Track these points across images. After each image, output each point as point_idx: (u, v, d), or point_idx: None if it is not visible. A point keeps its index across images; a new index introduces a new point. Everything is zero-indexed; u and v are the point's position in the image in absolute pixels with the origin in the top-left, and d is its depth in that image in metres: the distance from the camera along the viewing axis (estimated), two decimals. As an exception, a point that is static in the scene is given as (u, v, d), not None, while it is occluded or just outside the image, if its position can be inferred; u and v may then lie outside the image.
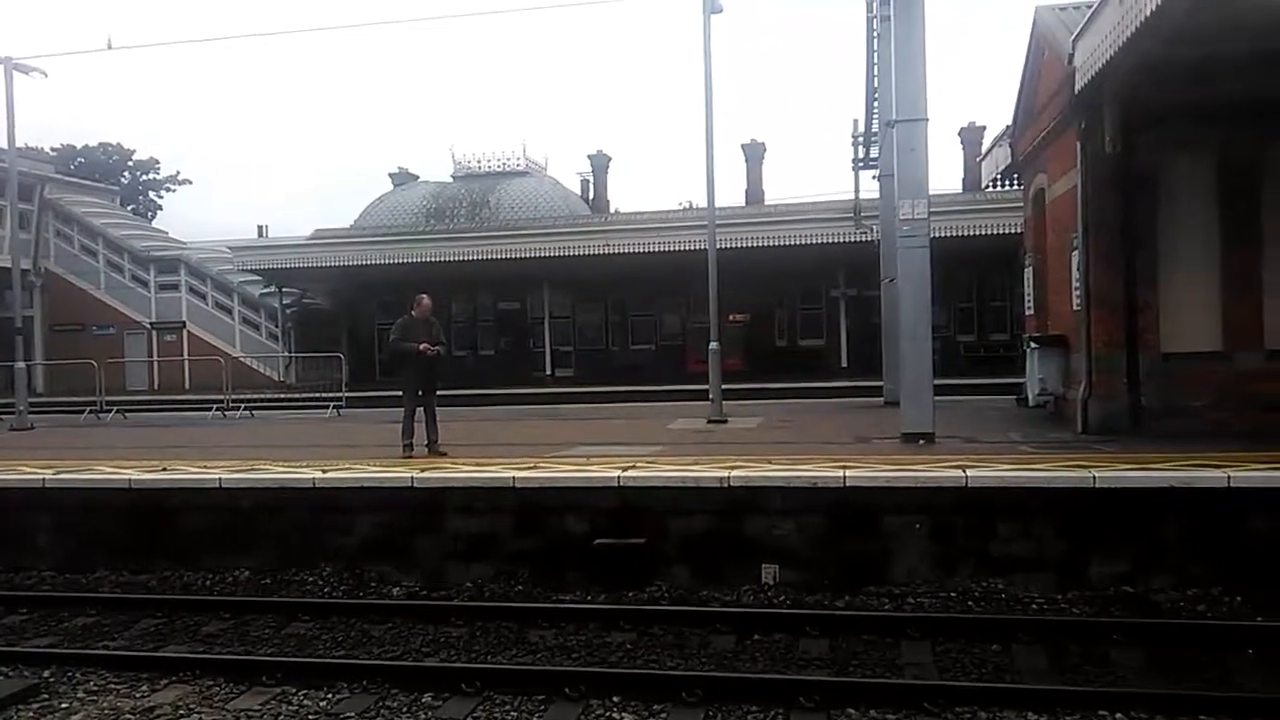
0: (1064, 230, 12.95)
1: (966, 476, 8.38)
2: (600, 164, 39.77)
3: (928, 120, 11.66)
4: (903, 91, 11.96)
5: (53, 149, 47.92)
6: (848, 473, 8.66)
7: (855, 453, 10.26)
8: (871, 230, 22.33)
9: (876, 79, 19.07)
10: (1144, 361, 11.46)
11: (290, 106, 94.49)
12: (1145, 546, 7.99)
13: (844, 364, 30.62)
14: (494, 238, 30.52)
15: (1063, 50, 11.56)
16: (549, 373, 32.66)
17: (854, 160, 23.64)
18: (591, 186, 40.08)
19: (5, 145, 20.08)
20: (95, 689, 6.53)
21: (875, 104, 19.96)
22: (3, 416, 19.33)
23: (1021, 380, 14.99)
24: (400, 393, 12.13)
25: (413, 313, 11.77)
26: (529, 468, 9.77)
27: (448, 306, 30.55)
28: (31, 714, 6.07)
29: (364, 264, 30.25)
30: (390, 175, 41.80)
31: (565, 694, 6.15)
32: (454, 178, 39.20)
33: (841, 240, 27.17)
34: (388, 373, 12.41)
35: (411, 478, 9.56)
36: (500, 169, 38.47)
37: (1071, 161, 12.10)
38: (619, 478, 9.06)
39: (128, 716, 5.98)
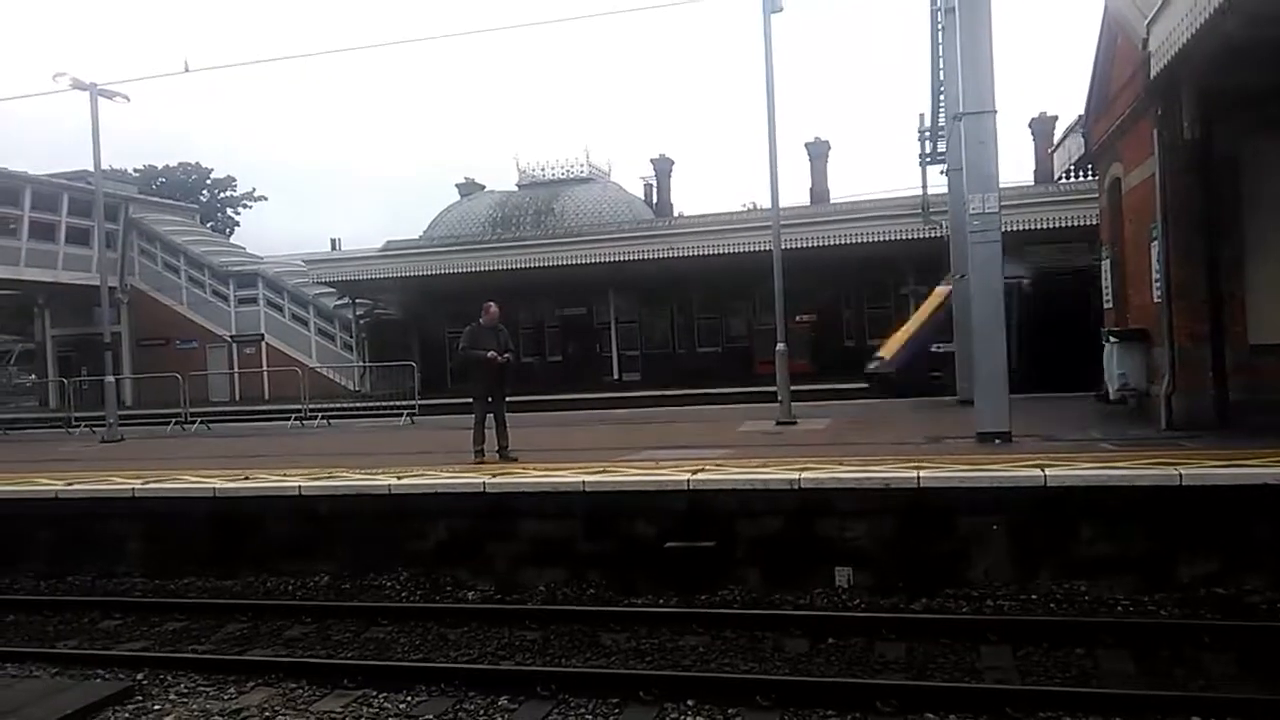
0: (1142, 221, 12.56)
1: (1045, 475, 8.17)
2: (663, 168, 39.83)
3: (996, 112, 11.42)
4: (969, 84, 11.73)
5: (135, 170, 49.85)
6: (922, 473, 8.52)
7: (929, 453, 10.09)
8: (940, 226, 21.96)
9: (942, 72, 18.75)
10: (1230, 354, 11.04)
11: (359, 121, 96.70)
12: (1236, 546, 7.69)
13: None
14: (559, 244, 30.79)
15: (1136, 35, 11.21)
16: (616, 377, 32.78)
17: (921, 155, 23.29)
18: (655, 191, 40.16)
19: (92, 169, 20.92)
20: (185, 691, 6.75)
21: (941, 97, 19.63)
22: (94, 429, 20.14)
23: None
24: (470, 400, 12.29)
25: (480, 321, 11.92)
26: (598, 472, 9.82)
27: (515, 314, 30.89)
28: (127, 715, 6.28)
29: (433, 274, 30.78)
30: (457, 186, 42.47)
31: (640, 697, 6.16)
32: (519, 186, 39.64)
33: (909, 237, 26.78)
34: (458, 380, 12.62)
35: (483, 483, 9.69)
36: (564, 176, 38.80)
37: (1148, 149, 11.72)
38: (688, 481, 9.06)
39: (216, 717, 6.16)
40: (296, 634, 8.17)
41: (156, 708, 6.41)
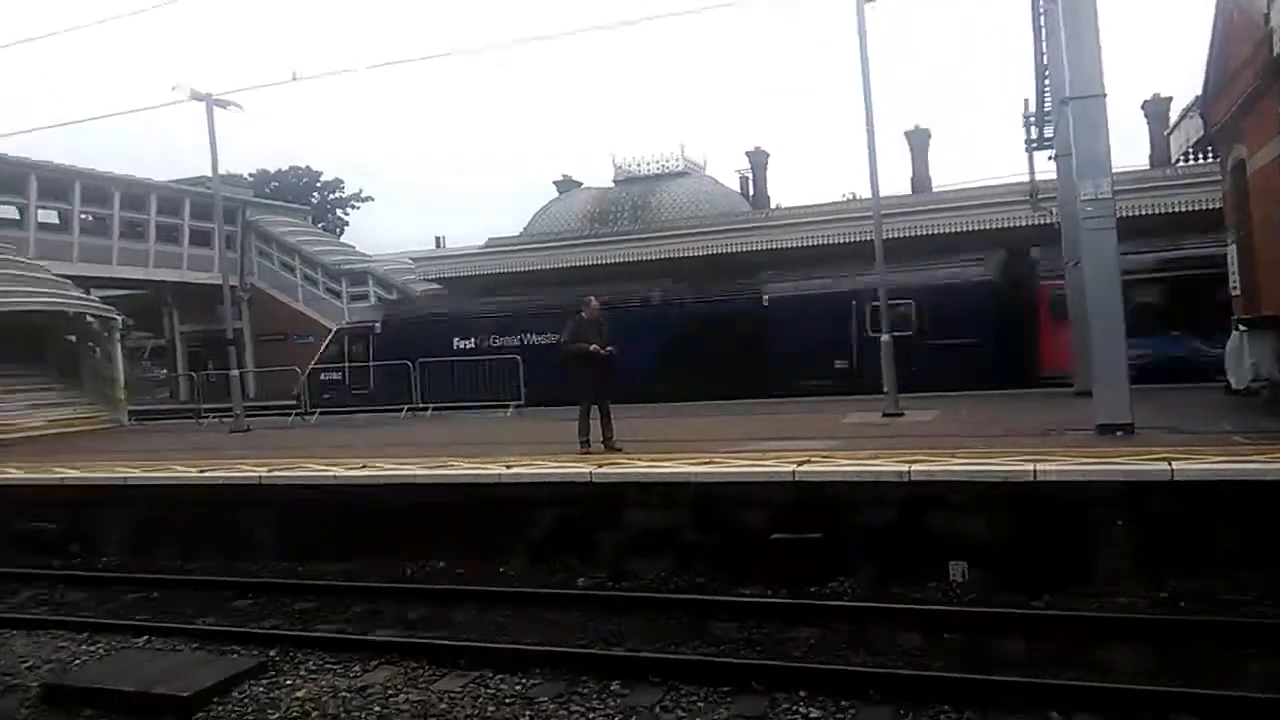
0: (1270, 202, 11.93)
1: (1172, 469, 7.86)
2: (759, 160, 39.52)
3: (1105, 96, 10.96)
4: (1075, 67, 11.28)
5: (250, 175, 51.94)
6: (1039, 466, 8.29)
7: (1045, 445, 9.79)
8: (1050, 213, 21.18)
9: (1046, 55, 18.07)
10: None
11: (460, 123, 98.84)
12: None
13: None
14: (656, 238, 30.87)
15: (1256, 10, 10.64)
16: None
17: (1026, 141, 22.46)
18: (751, 183, 39.87)
19: (210, 175, 21.95)
20: (314, 668, 7.07)
21: (1046, 81, 18.92)
22: (222, 419, 21.16)
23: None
24: (575, 393, 12.45)
25: (583, 314, 12.09)
26: (704, 462, 9.86)
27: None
28: (262, 688, 6.62)
29: (533, 269, 31.26)
30: (555, 183, 42.95)
31: (751, 687, 6.18)
32: (615, 182, 39.88)
33: (1016, 225, 25.93)
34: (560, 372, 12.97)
35: (590, 473, 9.84)
36: (660, 171, 38.85)
37: (1273, 129, 11.12)
38: (794, 472, 9.03)
39: (344, 694, 6.43)
40: (416, 616, 8.47)
41: (288, 683, 6.73)
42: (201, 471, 11.95)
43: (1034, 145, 22.26)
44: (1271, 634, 6.56)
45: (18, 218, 28.55)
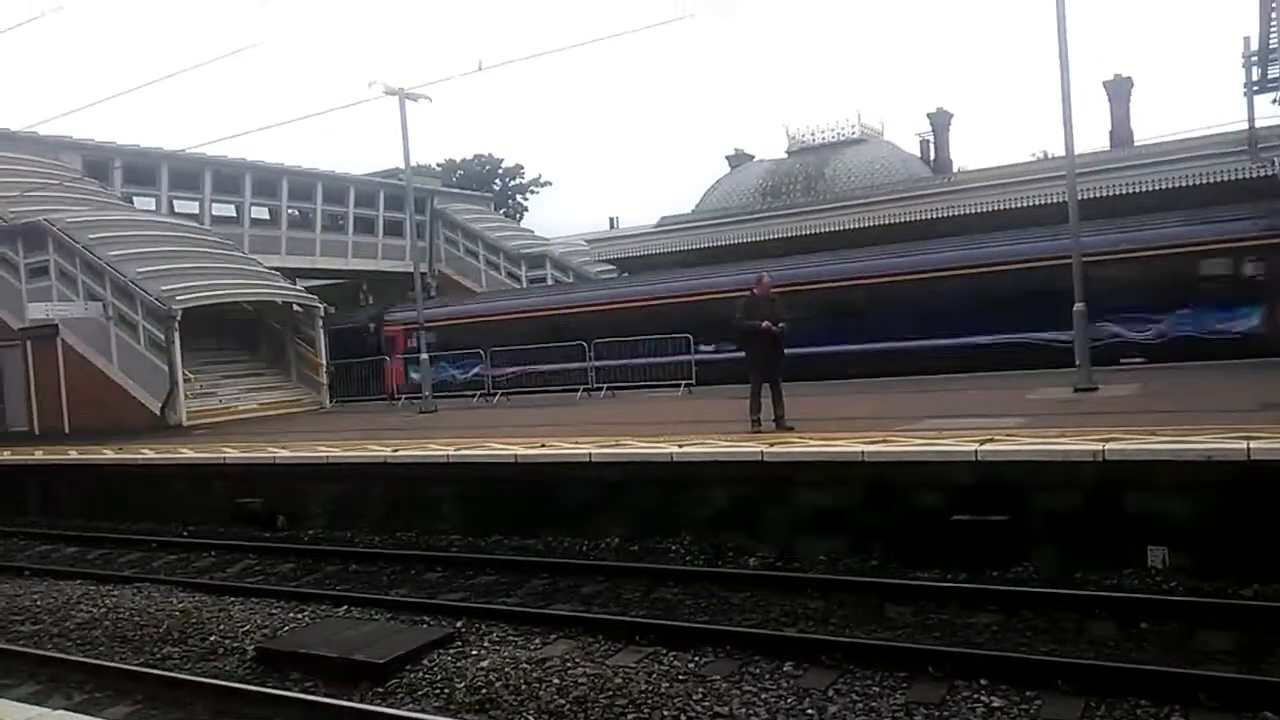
0: None
1: None
2: (941, 122, 37.84)
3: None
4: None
5: (438, 165, 54.56)
6: (1253, 444, 7.57)
7: (1263, 421, 8.92)
8: (1273, 163, 19.20)
9: (1275, -16, 16.31)
10: None
11: (633, 102, 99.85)
12: None
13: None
14: (830, 210, 30.15)
15: None
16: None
17: (1246, 84, 20.43)
18: (932, 147, 38.27)
19: (402, 166, 23.17)
20: (497, 640, 7.42)
21: (1273, 14, 17.09)
22: (413, 400, 22.45)
23: None
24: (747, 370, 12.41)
25: (754, 291, 12.00)
26: (878, 441, 9.61)
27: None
28: (449, 657, 7.01)
29: (706, 247, 31.25)
30: (727, 158, 42.73)
31: (928, 673, 6.01)
32: (788, 153, 39.22)
33: (1232, 178, 23.64)
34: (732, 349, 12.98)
35: (761, 452, 9.79)
36: (835, 139, 37.88)
37: None
38: (976, 451, 8.65)
39: (524, 666, 6.69)
40: (591, 591, 8.72)
41: (474, 653, 7.08)
42: (395, 451, 12.73)
43: (1256, 88, 20.22)
44: None
45: (234, 215, 31.15)
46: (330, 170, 34.86)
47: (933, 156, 38.10)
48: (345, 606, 8.62)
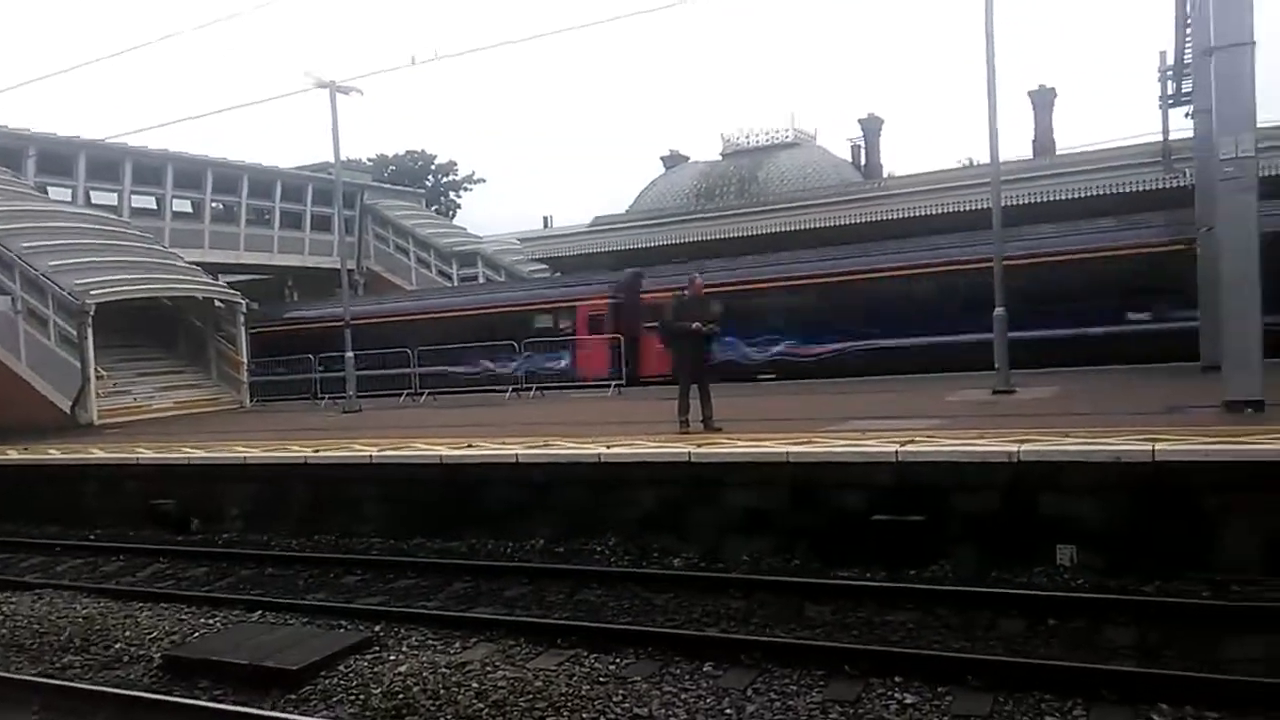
0: None
1: (1307, 449, 7.31)
2: (872, 128, 38.47)
3: (1254, 44, 10.22)
4: (1222, 13, 10.54)
5: (368, 159, 53.70)
6: (1158, 446, 7.84)
7: (1167, 424, 9.26)
8: (1184, 174, 19.93)
9: (1189, 1, 16.94)
10: None
11: (567, 101, 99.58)
12: None
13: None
14: (762, 213, 30.43)
15: None
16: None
17: (1161, 97, 21.17)
18: (863, 152, 38.88)
19: (331, 160, 22.73)
20: (416, 644, 7.29)
21: (1188, 31, 17.74)
22: (336, 400, 22.04)
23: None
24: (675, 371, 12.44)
25: (686, 293, 12.03)
26: (803, 443, 9.71)
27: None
28: (366, 663, 6.86)
29: (640, 247, 31.29)
30: (662, 159, 42.83)
31: (845, 671, 6.07)
32: (723, 156, 39.48)
33: (1147, 189, 24.49)
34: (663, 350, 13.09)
35: (689, 453, 9.82)
36: (768, 143, 38.23)
37: None
38: (896, 452, 8.80)
39: (444, 670, 6.57)
40: (515, 594, 8.64)
41: (392, 658, 6.95)
42: (316, 451, 12.47)
43: (1170, 101, 20.98)
44: None
45: (155, 207, 30.21)
46: (256, 163, 34.05)
47: (864, 162, 38.70)
48: (259, 612, 8.39)
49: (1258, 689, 5.24)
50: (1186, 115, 19.12)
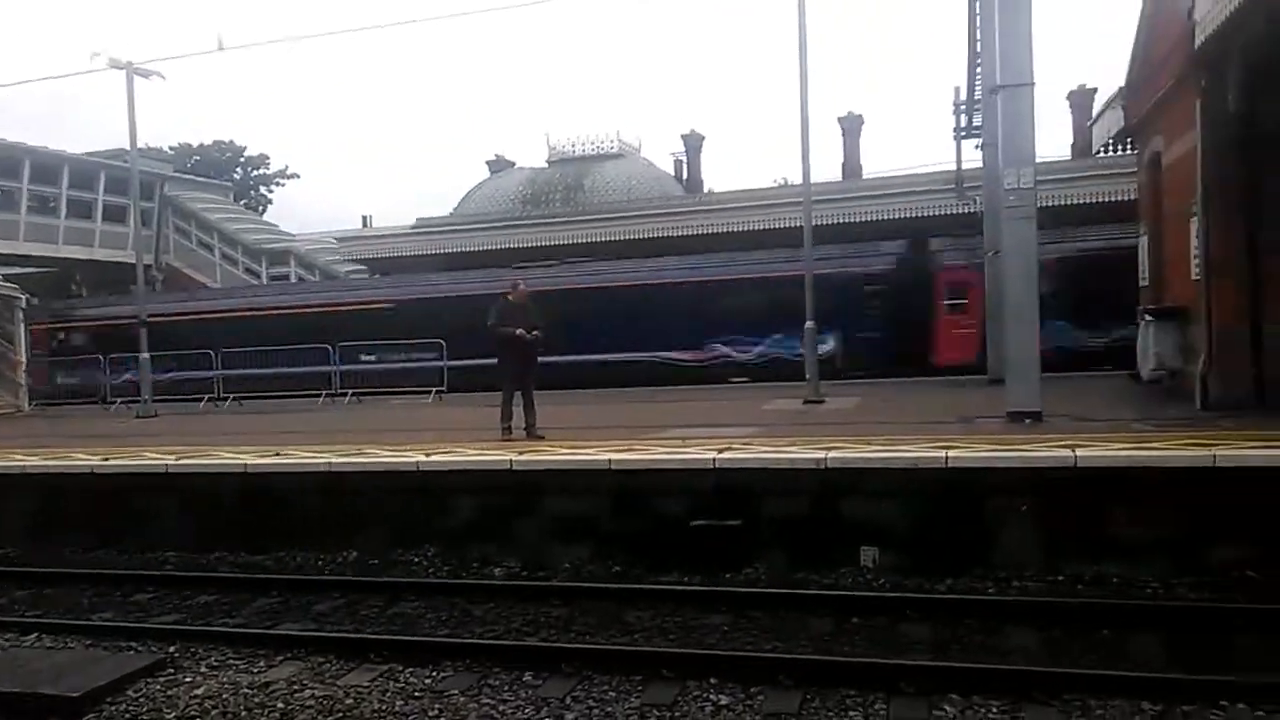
0: (1182, 196, 12.29)
1: (1076, 456, 8.06)
2: (694, 144, 39.51)
3: (1033, 85, 11.20)
4: (1007, 55, 11.51)
5: (170, 148, 50.30)
6: (950, 453, 8.44)
7: (958, 432, 9.99)
8: (974, 201, 21.63)
9: (979, 43, 18.43)
10: (1269, 334, 10.81)
11: (391, 99, 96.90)
12: (1271, 529, 7.54)
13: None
14: (589, 221, 30.70)
15: (1181, 4, 10.93)
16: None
17: (955, 129, 22.92)
18: (685, 167, 39.86)
19: (128, 147, 21.16)
20: (216, 664, 6.85)
21: (978, 70, 19.29)
22: (129, 404, 20.48)
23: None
24: (498, 377, 12.31)
25: (509, 298, 11.94)
26: (625, 450, 9.83)
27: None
28: (159, 687, 6.38)
29: (463, 251, 30.85)
30: (488, 163, 42.38)
31: (662, 675, 6.16)
32: (549, 163, 39.53)
33: (943, 213, 26.40)
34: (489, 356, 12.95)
35: (510, 460, 9.73)
36: (594, 153, 38.59)
37: (1190, 123, 11.45)
38: (715, 459, 9.04)
39: (245, 691, 6.23)
40: (325, 609, 8.27)
41: (187, 680, 6.50)
42: (105, 459, 11.52)
43: (962, 134, 22.71)
44: (1163, 616, 6.78)
45: (-84, 190, 27.26)
46: (41, 146, 31.22)
47: (686, 176, 39.68)
48: (35, 635, 7.65)
49: (1035, 677, 5.71)
50: (976, 147, 20.79)
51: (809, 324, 15.10)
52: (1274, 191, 10.87)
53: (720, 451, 9.29)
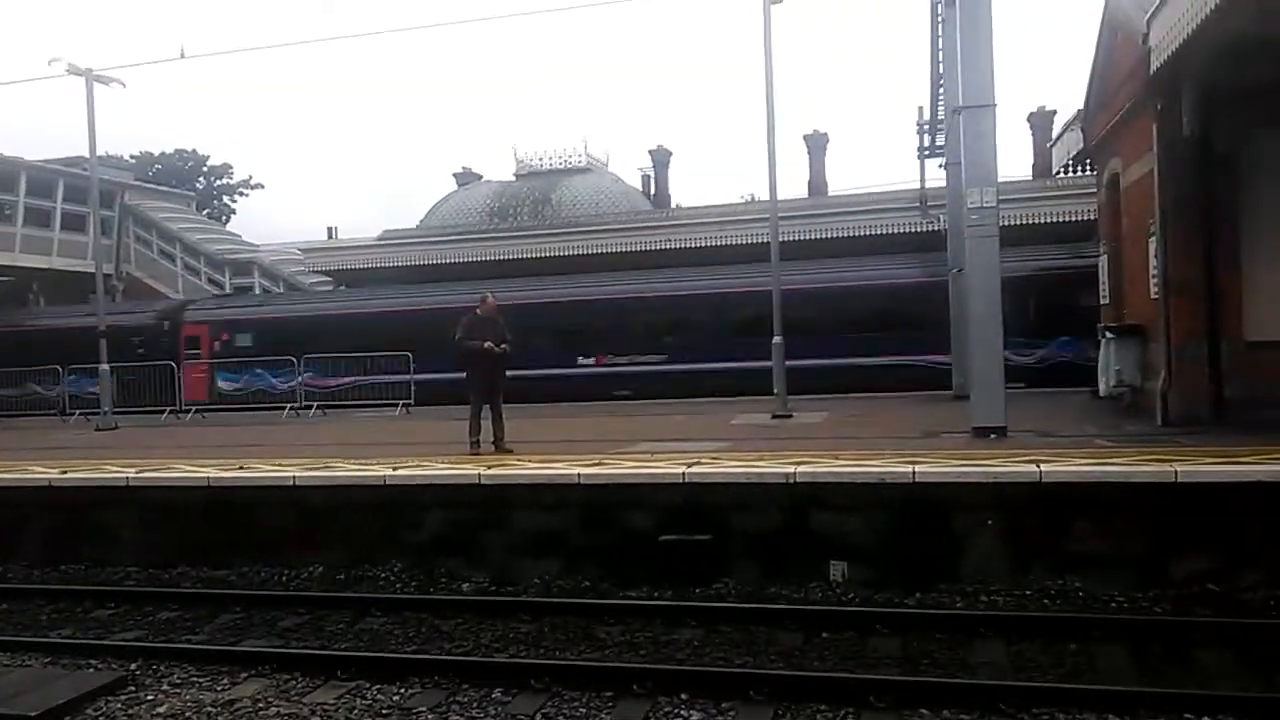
0: (1140, 216, 12.55)
1: (1040, 471, 8.17)
2: (661, 159, 39.67)
3: (995, 106, 11.40)
4: (969, 77, 11.71)
5: (131, 156, 49.56)
6: (916, 468, 8.51)
7: (924, 447, 10.09)
8: (938, 220, 21.92)
9: (942, 65, 18.71)
10: (1227, 351, 11.05)
11: (355, 110, 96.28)
12: (1231, 543, 7.70)
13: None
14: (558, 235, 30.69)
15: (1136, 29, 11.17)
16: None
17: (919, 149, 23.24)
18: (653, 182, 39.98)
19: (87, 154, 20.82)
20: (179, 681, 6.74)
21: (941, 90, 19.58)
22: (88, 416, 20.09)
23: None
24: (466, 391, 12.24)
25: (478, 311, 11.89)
26: (594, 464, 9.81)
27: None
28: (120, 705, 6.27)
29: (430, 263, 30.68)
30: (454, 175, 42.20)
31: (633, 691, 6.15)
32: (516, 176, 39.47)
33: (907, 231, 26.73)
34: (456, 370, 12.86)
35: (478, 474, 9.67)
36: (562, 166, 38.58)
37: (1147, 145, 11.70)
38: (684, 474, 9.05)
39: (209, 709, 6.14)
40: (290, 625, 8.17)
41: (149, 698, 6.40)
42: (63, 472, 11.28)
43: (926, 153, 23.03)
44: (1126, 629, 6.88)
45: None
46: (-3, 153, 30.67)
47: (653, 191, 39.83)
48: (-10, 652, 7.48)
49: (1003, 691, 5.77)
50: (940, 166, 21.09)
51: (776, 339, 15.19)
52: (1230, 211, 11.14)
53: (689, 466, 9.30)
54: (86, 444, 15.62)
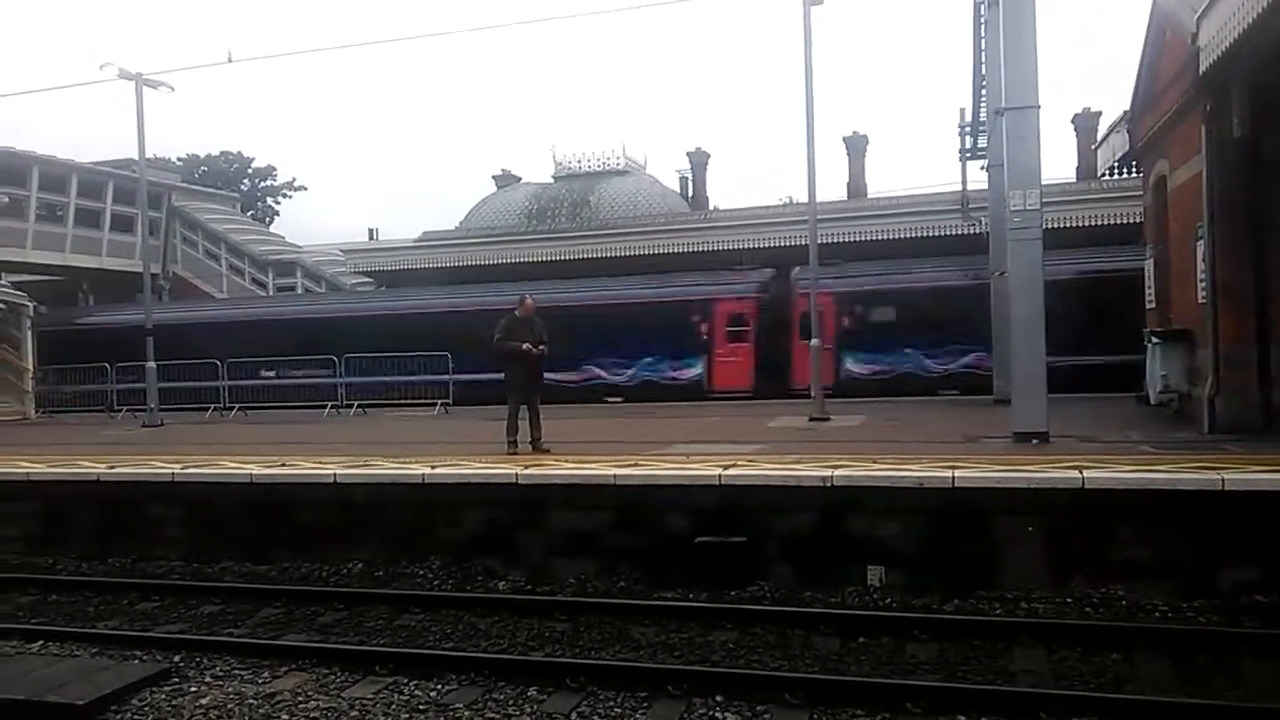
0: (1187, 219, 12.32)
1: (1083, 477, 8.05)
2: (699, 161, 39.62)
3: (1039, 107, 11.25)
4: (1012, 78, 11.56)
5: (178, 159, 50.53)
6: (956, 473, 8.42)
7: (964, 452, 9.98)
8: (980, 222, 21.68)
9: (984, 66, 18.54)
10: (1276, 356, 10.80)
11: (398, 112, 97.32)
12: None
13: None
14: (595, 237, 30.79)
15: (1185, 29, 10.97)
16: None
17: (961, 151, 23.07)
18: (691, 184, 39.94)
19: (136, 157, 21.27)
20: (221, 674, 6.85)
21: (983, 92, 19.40)
22: (136, 413, 20.50)
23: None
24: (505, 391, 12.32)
25: (516, 313, 11.96)
26: (630, 465, 9.82)
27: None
28: (164, 696, 6.38)
29: (469, 265, 30.92)
30: (494, 177, 42.49)
31: (668, 692, 6.15)
32: (555, 178, 39.65)
33: (948, 234, 26.47)
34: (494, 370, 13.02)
35: (516, 474, 9.73)
36: (600, 169, 38.69)
37: (1195, 146, 11.48)
38: (720, 476, 9.04)
39: (251, 701, 6.23)
40: (330, 620, 8.27)
41: (193, 690, 6.50)
42: (110, 467, 11.53)
43: (968, 155, 22.85)
44: (1170, 639, 6.76)
45: (-73, 197, 27.33)
46: (50, 155, 31.35)
47: (691, 193, 39.78)
48: (40, 642, 7.65)
49: (1043, 699, 5.69)
50: (982, 168, 20.88)
51: (814, 341, 15.12)
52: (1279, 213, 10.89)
53: (725, 468, 9.28)
54: (133, 439, 15.90)
